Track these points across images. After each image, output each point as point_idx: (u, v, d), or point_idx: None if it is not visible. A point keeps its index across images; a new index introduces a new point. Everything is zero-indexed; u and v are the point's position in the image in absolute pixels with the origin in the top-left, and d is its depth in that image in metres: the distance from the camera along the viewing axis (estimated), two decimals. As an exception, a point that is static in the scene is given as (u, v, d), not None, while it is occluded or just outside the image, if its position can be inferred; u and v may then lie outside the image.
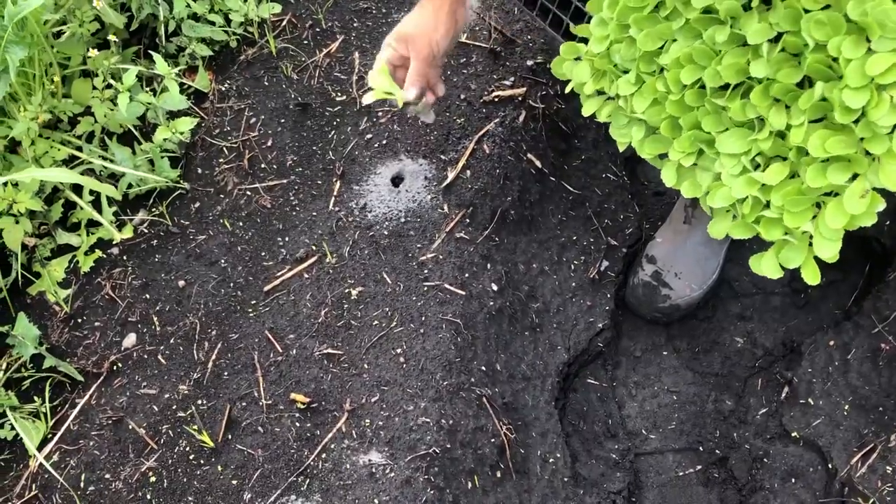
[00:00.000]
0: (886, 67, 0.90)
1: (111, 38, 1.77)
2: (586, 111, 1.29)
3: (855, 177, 1.00)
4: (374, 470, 1.27)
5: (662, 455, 1.57)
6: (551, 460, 1.43)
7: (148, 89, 1.80)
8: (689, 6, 1.08)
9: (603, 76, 1.25)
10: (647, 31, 1.13)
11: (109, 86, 1.76)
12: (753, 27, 1.02)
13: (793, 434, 1.48)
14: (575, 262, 1.66)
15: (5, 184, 1.61)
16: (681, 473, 1.55)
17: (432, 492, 1.24)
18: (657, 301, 1.67)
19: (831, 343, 1.51)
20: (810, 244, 1.06)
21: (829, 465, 1.41)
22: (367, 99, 1.32)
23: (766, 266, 1.12)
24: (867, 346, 1.46)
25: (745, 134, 1.09)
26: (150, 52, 1.82)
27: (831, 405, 1.46)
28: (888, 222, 1.54)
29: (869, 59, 0.92)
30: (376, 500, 1.24)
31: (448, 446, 1.29)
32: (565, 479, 1.43)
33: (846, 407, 1.44)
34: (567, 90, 1.31)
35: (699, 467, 1.55)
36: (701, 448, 1.57)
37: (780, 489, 1.45)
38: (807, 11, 0.98)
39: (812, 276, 1.08)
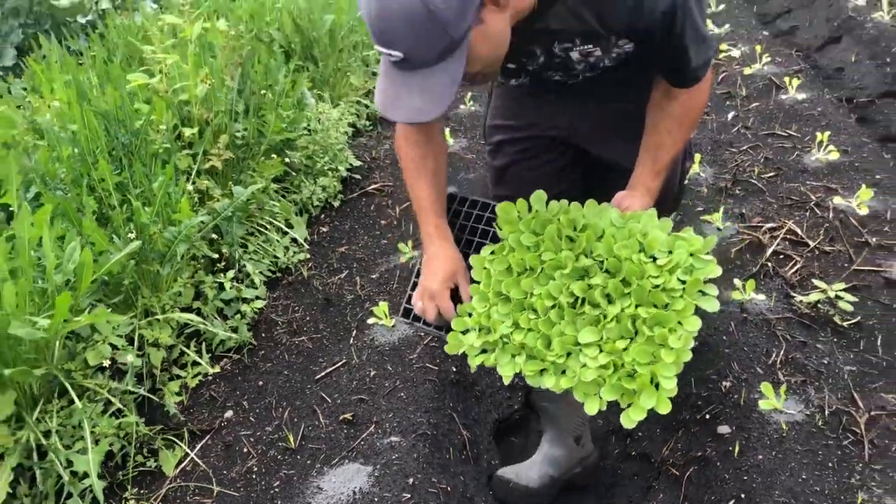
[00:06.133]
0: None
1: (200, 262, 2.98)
2: (474, 364, 1.73)
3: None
4: (396, 445, 2.22)
5: None
6: (491, 462, 2.39)
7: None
8: (539, 262, 1.73)
9: (484, 332, 1.73)
10: (516, 289, 1.72)
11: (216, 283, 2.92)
12: (570, 266, 1.67)
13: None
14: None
15: (151, 325, 2.66)
16: None
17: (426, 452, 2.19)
18: None
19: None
20: (656, 387, 1.55)
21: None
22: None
23: (632, 414, 1.54)
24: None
25: (594, 328, 1.62)
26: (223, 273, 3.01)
27: None
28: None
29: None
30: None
31: (434, 432, 2.27)
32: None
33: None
34: (459, 353, 1.78)
35: None
36: None
37: None
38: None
39: (664, 407, 1.52)
